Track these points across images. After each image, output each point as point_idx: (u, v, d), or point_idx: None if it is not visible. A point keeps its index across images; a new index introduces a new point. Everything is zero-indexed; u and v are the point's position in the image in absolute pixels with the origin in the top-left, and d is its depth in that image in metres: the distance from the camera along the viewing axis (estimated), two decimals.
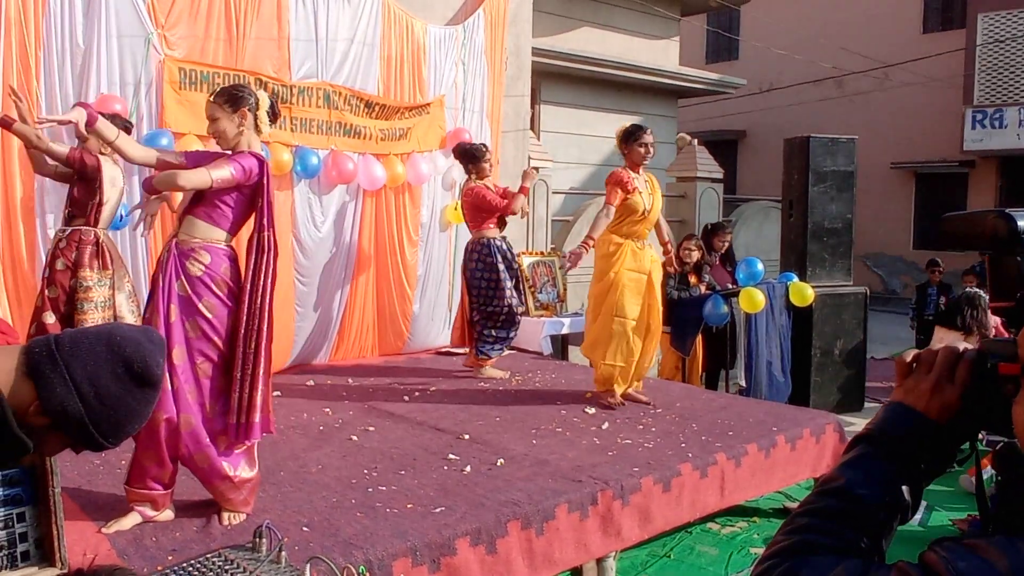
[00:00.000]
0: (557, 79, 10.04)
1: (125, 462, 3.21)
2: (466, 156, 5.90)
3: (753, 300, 6.26)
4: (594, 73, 10.23)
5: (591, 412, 4.96)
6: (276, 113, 3.36)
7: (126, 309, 4.31)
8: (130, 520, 3.04)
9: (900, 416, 0.93)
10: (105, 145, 4.12)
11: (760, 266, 6.75)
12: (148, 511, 3.07)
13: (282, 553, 2.73)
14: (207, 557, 2.76)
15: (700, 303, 6.38)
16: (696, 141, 9.99)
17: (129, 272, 4.59)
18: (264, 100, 3.25)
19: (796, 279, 6.86)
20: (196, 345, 3.07)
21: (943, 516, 4.69)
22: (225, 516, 3.13)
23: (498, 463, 3.88)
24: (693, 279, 6.65)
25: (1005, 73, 15.18)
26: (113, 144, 3.15)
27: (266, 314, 3.11)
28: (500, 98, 7.28)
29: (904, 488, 0.90)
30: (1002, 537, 0.79)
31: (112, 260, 4.31)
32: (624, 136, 5.19)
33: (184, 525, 3.09)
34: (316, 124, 5.90)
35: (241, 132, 3.18)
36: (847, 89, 16.95)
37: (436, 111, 6.71)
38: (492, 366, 6.00)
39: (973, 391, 0.91)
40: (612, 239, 5.13)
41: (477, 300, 5.84)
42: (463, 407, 5.03)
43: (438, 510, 3.27)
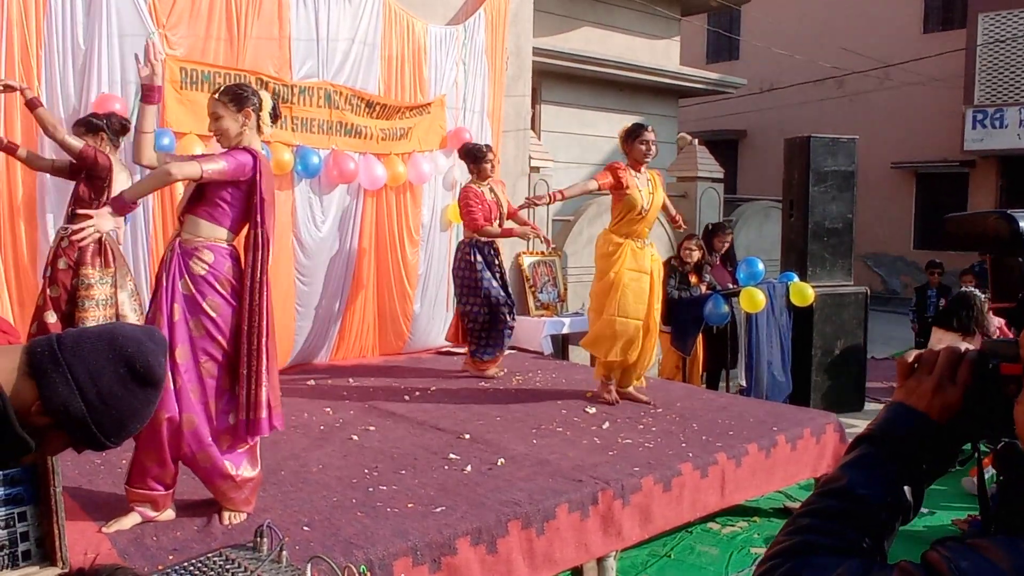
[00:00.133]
0: (558, 79, 10.03)
1: (126, 461, 3.22)
2: (468, 156, 5.94)
3: (754, 300, 6.26)
4: (595, 73, 10.22)
5: (592, 412, 4.96)
6: (277, 114, 3.36)
7: (129, 308, 4.31)
8: (130, 520, 3.04)
9: (902, 416, 0.93)
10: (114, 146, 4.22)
11: (761, 266, 6.75)
12: (148, 511, 3.07)
13: (283, 552, 2.73)
14: (208, 556, 2.76)
15: (701, 303, 6.38)
16: (697, 141, 9.98)
17: (131, 271, 4.59)
18: (267, 101, 3.25)
19: (796, 279, 6.86)
20: (200, 344, 3.08)
21: (944, 516, 4.69)
22: (226, 515, 3.13)
23: (499, 463, 3.88)
24: (694, 279, 6.65)
25: (1005, 73, 15.16)
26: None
27: (265, 311, 3.12)
28: (501, 98, 7.28)
29: (906, 488, 0.90)
30: (1004, 537, 0.80)
31: (114, 258, 4.31)
32: (626, 135, 5.21)
33: (185, 524, 3.09)
34: (317, 124, 5.90)
35: (243, 132, 3.18)
36: (847, 89, 16.94)
37: (437, 111, 6.71)
38: (487, 368, 5.97)
39: (975, 391, 0.91)
40: (612, 239, 5.14)
41: (457, 297, 6.01)
42: (463, 407, 5.04)
43: (439, 510, 3.27)
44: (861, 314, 7.28)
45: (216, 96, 3.19)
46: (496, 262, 5.95)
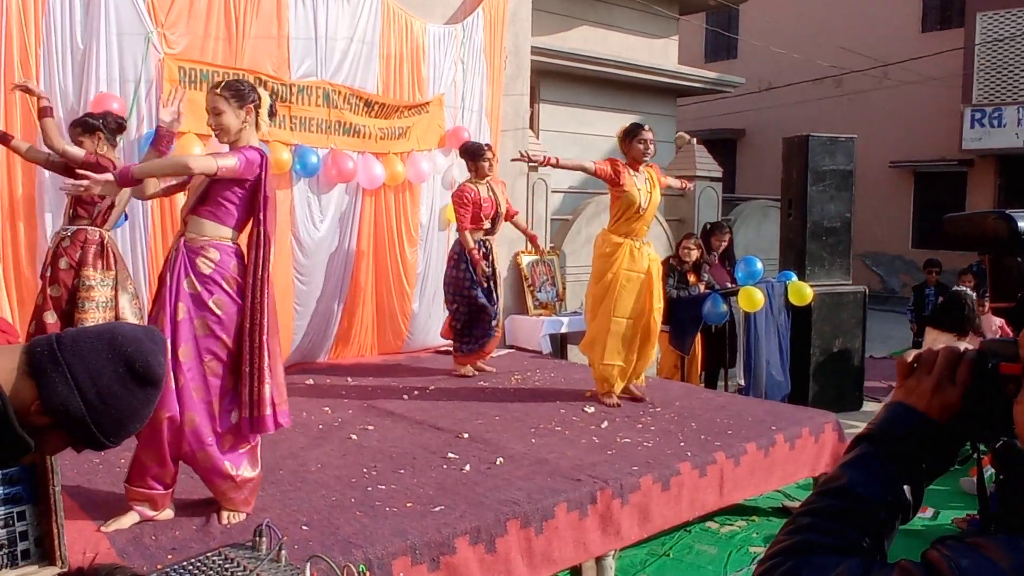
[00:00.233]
0: (556, 78, 10.04)
1: (125, 461, 3.22)
2: (467, 154, 5.96)
3: (752, 299, 6.26)
4: (593, 72, 10.22)
5: (590, 411, 4.96)
6: (274, 112, 3.38)
7: (129, 311, 4.31)
8: (129, 519, 3.04)
9: (901, 416, 0.94)
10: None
11: (759, 265, 6.75)
12: (147, 511, 3.07)
13: (282, 552, 2.73)
14: (207, 556, 2.76)
15: (699, 302, 6.38)
16: (695, 140, 9.97)
17: (130, 273, 4.59)
18: (265, 98, 3.27)
19: (795, 278, 6.86)
20: (204, 343, 3.08)
21: (943, 516, 4.69)
22: (224, 515, 3.13)
23: (497, 462, 3.88)
24: (692, 278, 6.65)
25: (1004, 72, 15.17)
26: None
27: (267, 308, 3.12)
28: (499, 97, 7.28)
29: (905, 488, 0.90)
30: (1004, 536, 0.80)
31: (116, 261, 4.31)
32: (624, 134, 5.22)
33: (184, 524, 3.09)
34: (315, 123, 5.90)
35: (243, 128, 3.18)
36: (846, 88, 16.94)
37: (435, 110, 6.71)
38: (464, 364, 5.98)
39: (974, 391, 0.91)
40: (611, 239, 5.14)
41: (444, 292, 6.00)
42: (462, 406, 5.04)
43: (437, 509, 3.27)
44: (859, 313, 7.28)
45: (217, 91, 3.17)
46: (488, 259, 5.92)
